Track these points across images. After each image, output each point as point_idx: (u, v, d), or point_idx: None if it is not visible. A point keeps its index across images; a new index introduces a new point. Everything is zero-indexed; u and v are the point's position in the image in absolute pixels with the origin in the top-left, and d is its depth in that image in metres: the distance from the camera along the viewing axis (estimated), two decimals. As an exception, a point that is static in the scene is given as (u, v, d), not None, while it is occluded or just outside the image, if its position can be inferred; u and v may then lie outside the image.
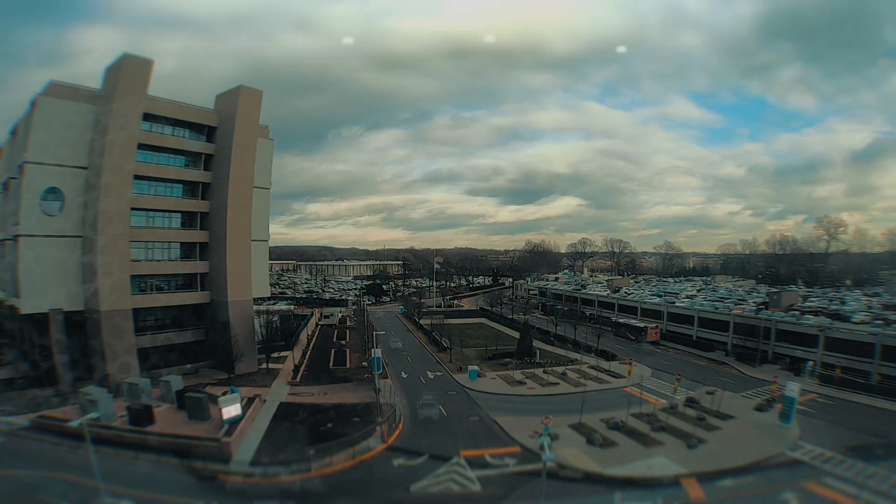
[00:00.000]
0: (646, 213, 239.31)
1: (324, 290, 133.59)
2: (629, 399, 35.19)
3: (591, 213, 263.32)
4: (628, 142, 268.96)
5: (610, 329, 69.98)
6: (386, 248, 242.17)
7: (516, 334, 60.75)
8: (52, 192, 36.69)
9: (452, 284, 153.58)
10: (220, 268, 45.43)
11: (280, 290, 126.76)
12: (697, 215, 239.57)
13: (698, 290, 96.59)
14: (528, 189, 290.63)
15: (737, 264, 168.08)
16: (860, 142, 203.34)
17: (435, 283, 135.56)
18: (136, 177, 39.95)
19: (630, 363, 46.30)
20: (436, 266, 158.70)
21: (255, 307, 51.01)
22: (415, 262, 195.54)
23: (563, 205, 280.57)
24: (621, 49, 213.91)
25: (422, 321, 76.45)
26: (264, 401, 35.30)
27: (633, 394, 37.95)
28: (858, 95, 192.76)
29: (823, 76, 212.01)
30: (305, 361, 49.60)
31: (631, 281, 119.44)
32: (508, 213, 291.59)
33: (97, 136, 37.67)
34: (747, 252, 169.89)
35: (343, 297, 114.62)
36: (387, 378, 42.67)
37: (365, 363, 47.50)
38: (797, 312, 59.35)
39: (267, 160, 50.06)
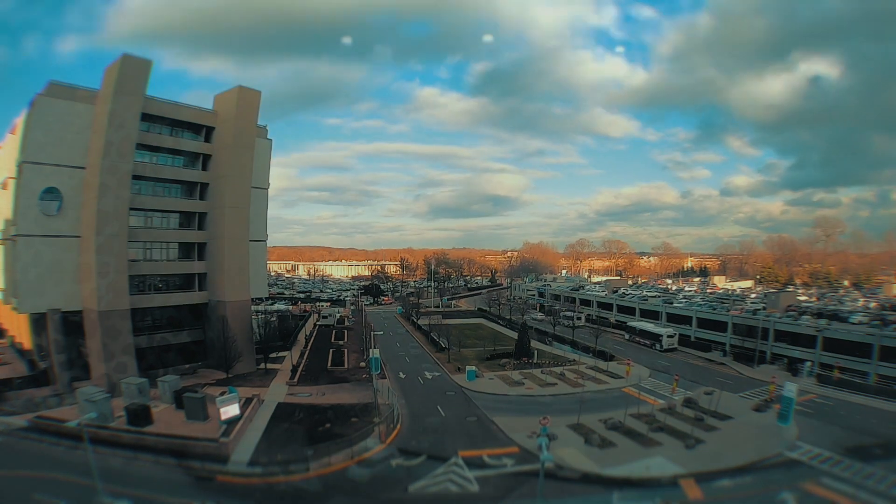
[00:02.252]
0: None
1: (322, 291, 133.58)
2: (627, 399, 35.26)
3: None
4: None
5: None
6: (384, 248, 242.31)
7: (514, 335, 60.72)
8: (50, 193, 36.61)
9: (450, 285, 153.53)
10: (219, 268, 45.36)
11: (278, 291, 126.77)
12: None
13: (696, 291, 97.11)
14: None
15: (735, 265, 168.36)
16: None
17: (433, 284, 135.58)
18: (134, 177, 39.80)
19: (629, 364, 46.32)
20: (433, 266, 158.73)
21: (253, 307, 50.97)
22: (413, 263, 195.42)
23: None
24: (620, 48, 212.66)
25: (420, 321, 76.44)
26: (262, 401, 35.23)
27: (631, 394, 38.06)
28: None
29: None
30: (304, 362, 49.48)
31: (629, 282, 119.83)
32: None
33: (95, 137, 37.61)
34: (745, 253, 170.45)
35: (341, 298, 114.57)
36: (385, 378, 42.63)
37: (363, 363, 47.47)
38: (795, 313, 59.60)
39: (265, 160, 50.06)
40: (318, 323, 76.32)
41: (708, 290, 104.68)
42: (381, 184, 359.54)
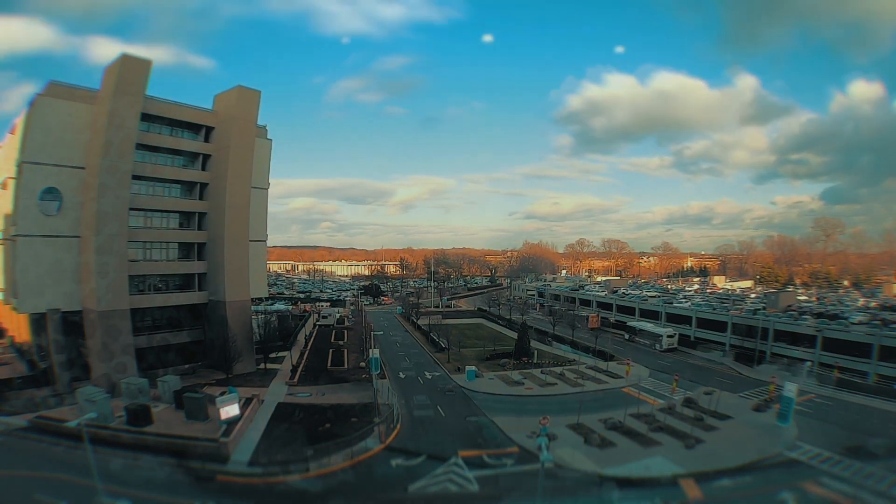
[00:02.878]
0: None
1: (322, 291, 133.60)
2: (627, 399, 35.27)
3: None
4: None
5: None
6: (384, 248, 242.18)
7: (514, 335, 60.73)
8: (50, 193, 36.57)
9: (450, 285, 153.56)
10: (219, 268, 45.28)
11: (278, 291, 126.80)
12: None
13: (696, 291, 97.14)
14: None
15: (735, 265, 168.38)
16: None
17: (433, 284, 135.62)
18: (134, 177, 39.71)
19: (628, 363, 46.33)
20: (433, 266, 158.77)
21: (252, 307, 50.92)
22: (413, 263, 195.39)
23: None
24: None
25: (420, 321, 76.43)
26: (262, 401, 35.23)
27: (630, 394, 38.06)
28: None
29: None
30: (303, 362, 49.46)
31: (629, 282, 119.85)
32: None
33: (94, 137, 37.56)
34: (745, 253, 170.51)
35: (341, 298, 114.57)
36: (385, 378, 42.63)
37: (363, 363, 47.43)
38: (795, 313, 59.62)
39: (265, 160, 49.99)
40: (317, 323, 76.34)
41: (708, 291, 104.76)
42: (527, 197, 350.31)
